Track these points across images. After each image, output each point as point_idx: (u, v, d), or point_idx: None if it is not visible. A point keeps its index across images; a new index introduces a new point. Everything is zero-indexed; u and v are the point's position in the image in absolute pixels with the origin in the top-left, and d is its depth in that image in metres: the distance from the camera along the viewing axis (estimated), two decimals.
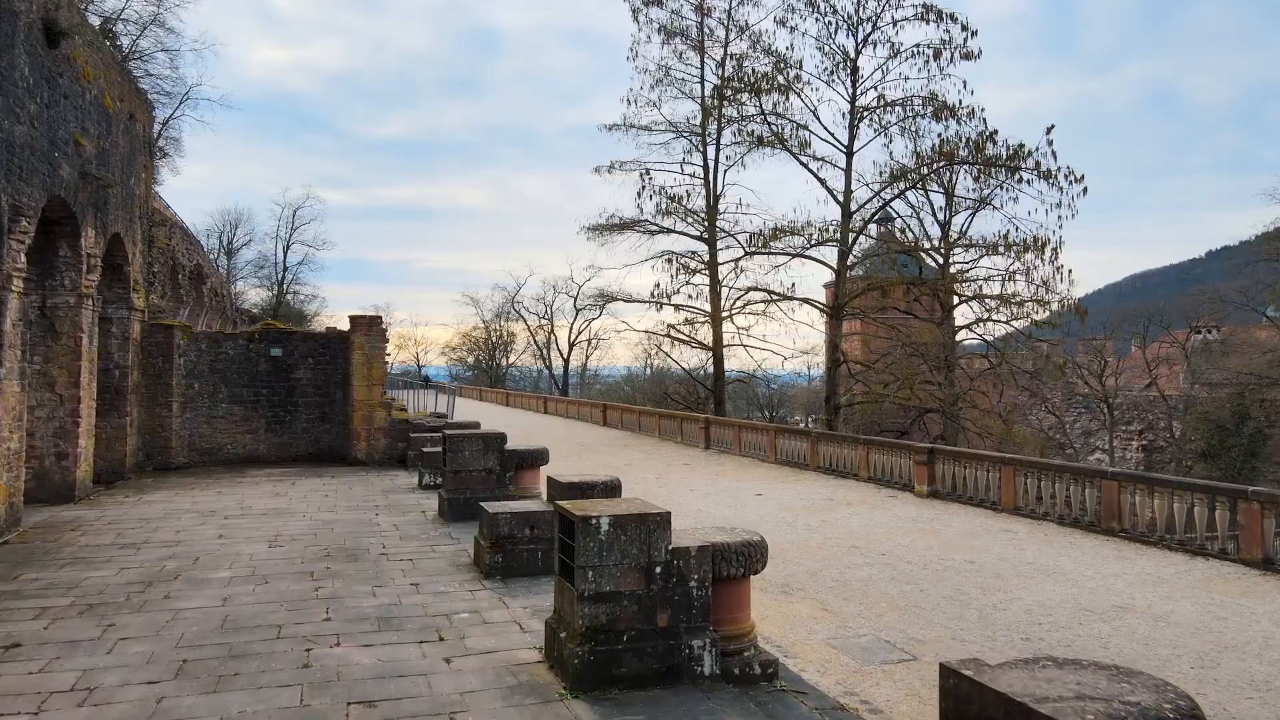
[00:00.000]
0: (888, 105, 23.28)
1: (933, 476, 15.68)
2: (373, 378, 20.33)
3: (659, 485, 18.13)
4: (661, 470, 20.80)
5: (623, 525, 6.21)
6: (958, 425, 38.86)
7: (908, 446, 16.71)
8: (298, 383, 20.92)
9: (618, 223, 30.05)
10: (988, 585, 9.82)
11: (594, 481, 9.84)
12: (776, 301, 26.02)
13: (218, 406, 20.06)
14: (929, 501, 15.45)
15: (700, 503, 15.85)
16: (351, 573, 9.44)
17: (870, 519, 13.89)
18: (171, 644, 6.92)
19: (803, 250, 24.52)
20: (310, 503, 14.34)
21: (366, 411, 20.22)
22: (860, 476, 17.94)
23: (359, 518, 13.00)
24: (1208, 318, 75.34)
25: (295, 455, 20.75)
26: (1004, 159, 20.84)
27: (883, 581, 9.98)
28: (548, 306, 75.01)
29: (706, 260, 29.39)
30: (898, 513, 14.42)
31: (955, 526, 13.19)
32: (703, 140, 30.31)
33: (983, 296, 23.62)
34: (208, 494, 15.22)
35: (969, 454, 15.57)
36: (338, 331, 21.48)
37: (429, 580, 9.17)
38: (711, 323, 28.81)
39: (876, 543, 12.10)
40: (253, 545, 10.88)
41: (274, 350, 20.81)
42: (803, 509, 14.98)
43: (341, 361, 20.81)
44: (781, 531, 12.97)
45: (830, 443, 19.36)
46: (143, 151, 18.55)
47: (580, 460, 23.03)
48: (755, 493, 16.95)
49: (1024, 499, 13.89)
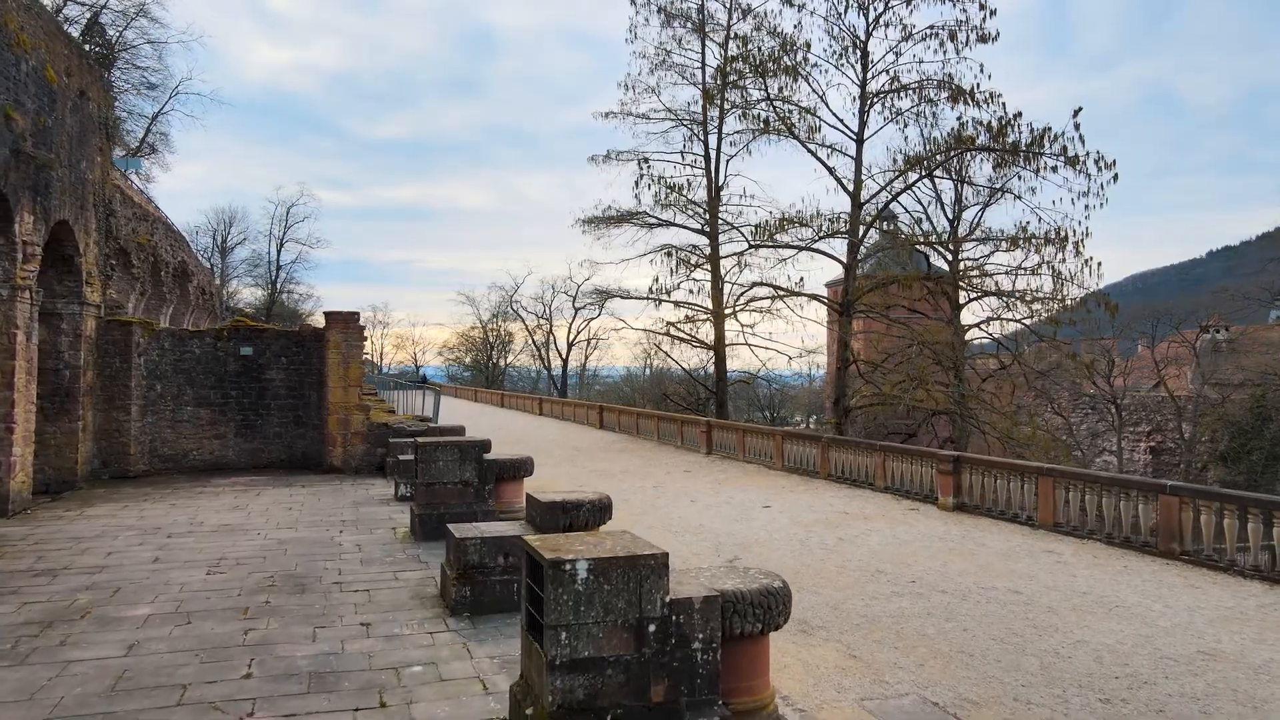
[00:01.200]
0: (901, 89, 21.86)
1: (959, 488, 14.26)
2: (349, 378, 18.90)
3: (657, 495, 16.70)
4: (660, 478, 19.38)
5: (606, 571, 4.79)
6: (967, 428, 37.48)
7: (931, 454, 15.28)
8: (270, 384, 19.50)
9: (615, 215, 28.59)
10: (1041, 622, 8.39)
11: (579, 500, 8.41)
12: (783, 297, 24.58)
13: (182, 409, 18.63)
14: (956, 516, 14.01)
15: (702, 516, 14.43)
16: (294, 609, 8.01)
17: (893, 537, 12.46)
18: (40, 715, 5.49)
19: (811, 243, 23.07)
20: (270, 517, 12.92)
21: (343, 415, 18.80)
22: (876, 486, 16.51)
23: (320, 536, 11.58)
24: (1217, 316, 74.01)
25: (267, 462, 19.33)
26: (1027, 145, 19.40)
27: (917, 617, 8.55)
28: (546, 306, 73.59)
29: (708, 255, 27.94)
30: (923, 529, 12.98)
31: (990, 546, 11.75)
32: (704, 128, 28.87)
33: (1000, 293, 22.21)
34: (159, 507, 13.80)
35: (1001, 463, 14.11)
36: (312, 329, 20.08)
37: (384, 619, 7.75)
38: (713, 320, 27.36)
39: (904, 566, 10.67)
40: (189, 572, 9.45)
41: (244, 349, 19.39)
42: (816, 524, 13.55)
43: (317, 361, 19.39)
44: (795, 552, 11.55)
45: (843, 449, 17.93)
46: (97, 133, 17.11)
47: (573, 466, 21.62)
48: (763, 504, 15.52)
49: (1065, 514, 12.46)
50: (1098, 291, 20.37)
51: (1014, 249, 22.84)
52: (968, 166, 21.65)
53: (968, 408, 22.26)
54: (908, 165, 21.36)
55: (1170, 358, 72.98)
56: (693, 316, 27.43)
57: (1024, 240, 22.47)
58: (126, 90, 59.24)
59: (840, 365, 23.24)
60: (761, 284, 24.35)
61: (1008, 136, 19.83)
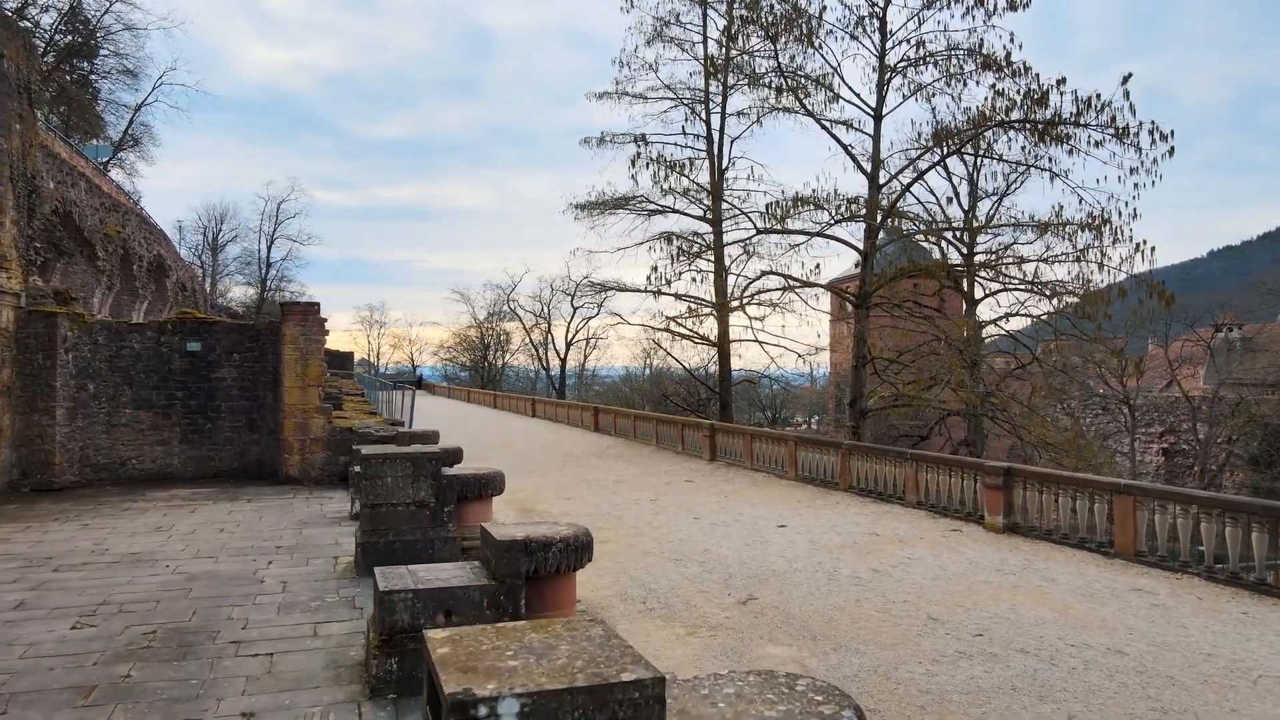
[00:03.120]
0: (925, 58, 19.69)
1: (1010, 505, 12.14)
2: (308, 377, 16.78)
3: (655, 511, 14.59)
4: (659, 489, 17.27)
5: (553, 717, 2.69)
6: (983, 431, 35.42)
7: (974, 465, 13.15)
8: (220, 383, 17.39)
9: (610, 199, 26.40)
10: (1170, 704, 6.29)
11: (548, 538, 6.31)
12: (795, 288, 22.40)
13: (119, 413, 16.51)
14: (1008, 540, 11.88)
15: (707, 538, 12.31)
16: (159, 687, 5.91)
17: (939, 567, 10.34)
18: None
19: (826, 227, 20.89)
20: (193, 542, 10.83)
21: (300, 418, 16.68)
22: (907, 501, 14.38)
23: (242, 569, 9.48)
24: (1231, 315, 72.02)
25: (217, 471, 17.22)
26: (1072, 115, 17.22)
27: (1000, 692, 6.44)
28: (545, 305, 71.42)
29: (710, 243, 25.78)
30: (972, 556, 10.87)
31: (1062, 582, 9.64)
32: (706, 108, 26.72)
33: (1035, 283, 20.00)
34: (67, 528, 11.69)
35: (1063, 478, 11.91)
36: (268, 322, 17.97)
37: (276, 704, 5.65)
38: (716, 315, 25.21)
39: (962, 610, 8.56)
40: (51, 624, 7.34)
41: (191, 344, 17.27)
42: (844, 549, 11.43)
43: (273, 358, 17.27)
44: (823, 588, 9.44)
45: (866, 457, 15.81)
46: (15, 97, 14.99)
47: (562, 474, 19.51)
48: (777, 523, 13.41)
49: (1148, 541, 10.35)
50: (1146, 277, 18.17)
51: (1045, 235, 20.65)
52: (995, 143, 19.54)
53: (998, 409, 20.15)
54: (936, 139, 19.16)
55: (1184, 357, 71.01)
56: (695, 310, 25.28)
57: (1057, 226, 20.31)
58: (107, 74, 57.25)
59: (857, 363, 21.13)
60: (772, 273, 22.22)
61: (1047, 106, 17.73)
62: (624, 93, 27.13)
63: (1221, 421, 53.15)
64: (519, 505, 15.27)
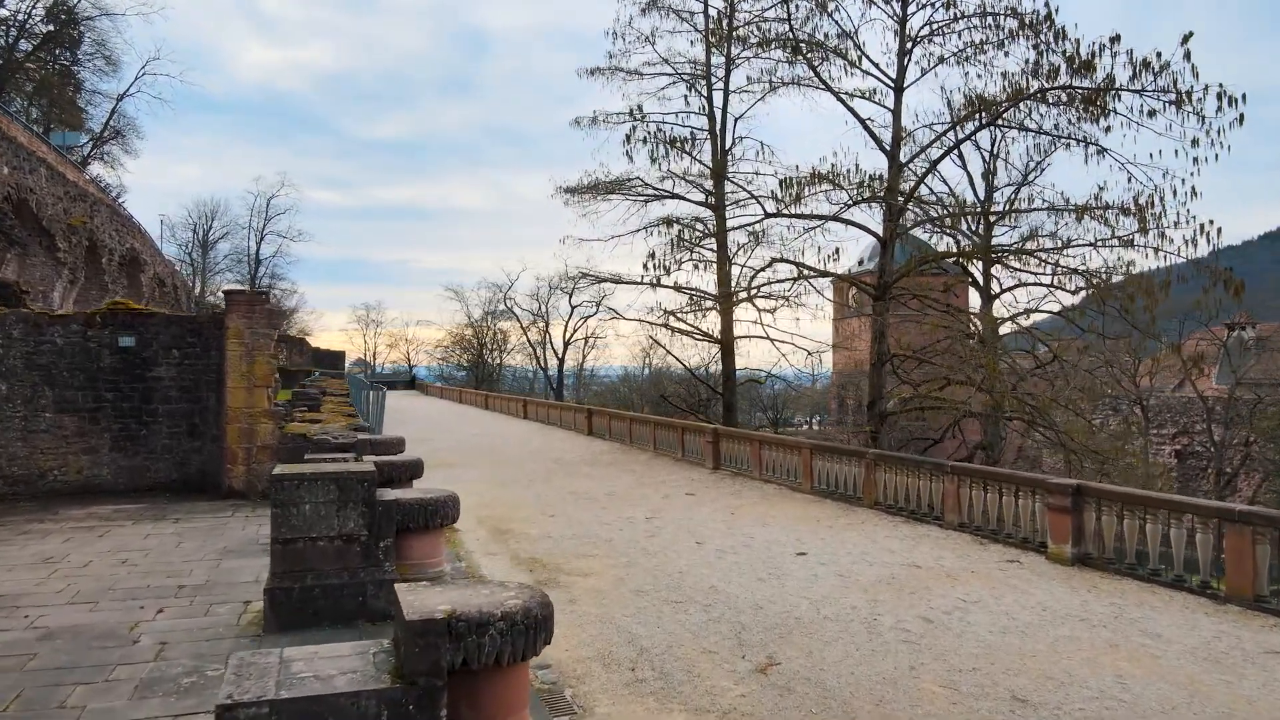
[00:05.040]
0: (958, 17, 17.57)
1: (1080, 531, 10.05)
2: (255, 376, 14.71)
3: (650, 533, 12.52)
4: (656, 504, 15.20)
5: None
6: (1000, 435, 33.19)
7: (1034, 481, 11.02)
8: (158, 383, 15.33)
9: (603, 183, 24.21)
10: None
11: (485, 615, 4.26)
12: (810, 277, 20.19)
13: (38, 417, 14.46)
14: (1080, 575, 9.77)
15: (713, 569, 10.25)
16: None
17: (1005, 615, 8.26)
18: None
19: (843, 210, 18.66)
20: (80, 579, 8.78)
21: (246, 423, 14.60)
22: (947, 522, 12.28)
23: (120, 620, 7.42)
24: (1244, 314, 70.09)
25: (154, 483, 15.16)
26: (1124, 83, 15.11)
27: None
28: (542, 303, 69.27)
29: (713, 229, 23.59)
30: (1042, 599, 8.77)
31: (1172, 640, 7.54)
32: (707, 83, 24.53)
33: (1078, 272, 17.83)
34: None
35: (1152, 499, 9.54)
36: (211, 314, 15.92)
37: None
38: (719, 308, 23.06)
39: (1052, 685, 6.48)
40: None
41: (123, 339, 15.20)
42: (881, 587, 9.36)
43: (217, 354, 15.20)
44: (862, 647, 7.36)
45: (896, 468, 13.71)
46: None
47: (548, 486, 17.44)
48: (795, 549, 11.33)
49: (1271, 585, 8.28)
50: (1210, 262, 15.96)
51: (1082, 219, 18.52)
52: (1028, 117, 17.41)
53: (1037, 412, 18.04)
54: (972, 108, 16.93)
55: (1199, 356, 69.01)
56: (697, 303, 23.12)
57: (1097, 209, 18.20)
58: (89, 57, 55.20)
59: (876, 361, 19.06)
60: (782, 260, 20.02)
61: (1095, 72, 15.61)
62: (617, 68, 25.00)
63: (1238, 423, 51.25)
64: (493, 525, 13.20)
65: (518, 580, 8.83)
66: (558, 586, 9.42)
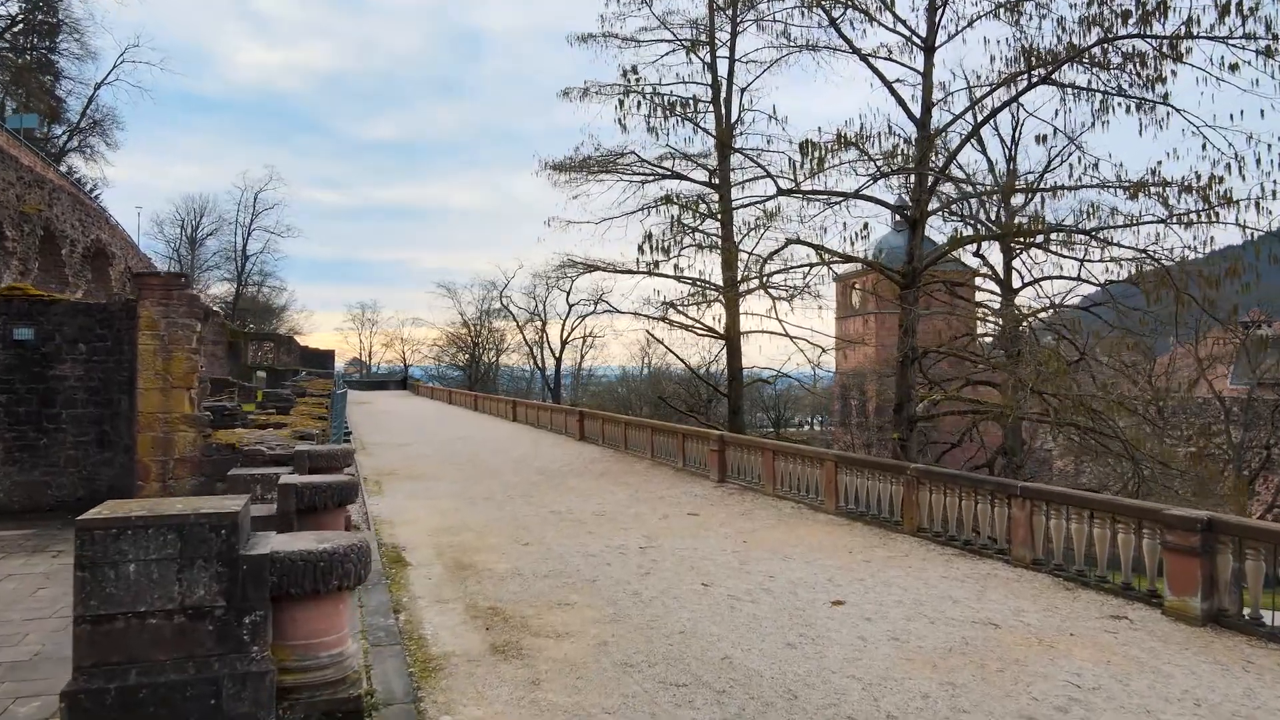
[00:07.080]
0: None
1: (1213, 580, 7.61)
2: (173, 375, 12.30)
3: (644, 570, 10.10)
4: (653, 527, 12.79)
5: None
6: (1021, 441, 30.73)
7: (1141, 511, 8.44)
8: (61, 384, 12.96)
9: (593, 160, 21.64)
10: None
11: None
12: (832, 262, 17.65)
13: None
14: (1219, 639, 7.34)
15: (724, 628, 7.84)
16: None
17: (1144, 715, 5.87)
18: None
19: (868, 184, 16.10)
20: None
21: (161, 432, 12.19)
22: (1016, 558, 9.80)
23: None
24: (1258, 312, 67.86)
25: (55, 502, 12.80)
26: (1208, 29, 12.74)
27: None
28: (539, 302, 66.75)
29: (716, 210, 21.04)
30: (1188, 685, 6.36)
31: None
32: (711, 48, 21.95)
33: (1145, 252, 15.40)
34: None
35: None
36: (123, 301, 13.55)
37: None
38: (724, 299, 20.52)
39: None
40: None
41: (19, 331, 12.83)
42: (954, 660, 6.95)
43: (130, 349, 12.80)
44: None
45: (944, 486, 11.24)
46: None
47: (528, 502, 15.03)
48: (829, 596, 8.92)
49: None
50: None
51: (1138, 198, 16.15)
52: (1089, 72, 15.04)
53: (1100, 417, 15.57)
54: (1029, 60, 14.36)
55: (1217, 356, 66.67)
56: (700, 293, 20.62)
57: (1155, 186, 15.84)
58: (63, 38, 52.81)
59: (903, 359, 16.64)
60: (799, 241, 17.48)
61: (1166, 16, 13.19)
62: (610, 34, 22.46)
63: (1258, 424, 49.11)
64: (454, 556, 10.79)
65: (465, 647, 6.44)
66: (518, 656, 7.02)
